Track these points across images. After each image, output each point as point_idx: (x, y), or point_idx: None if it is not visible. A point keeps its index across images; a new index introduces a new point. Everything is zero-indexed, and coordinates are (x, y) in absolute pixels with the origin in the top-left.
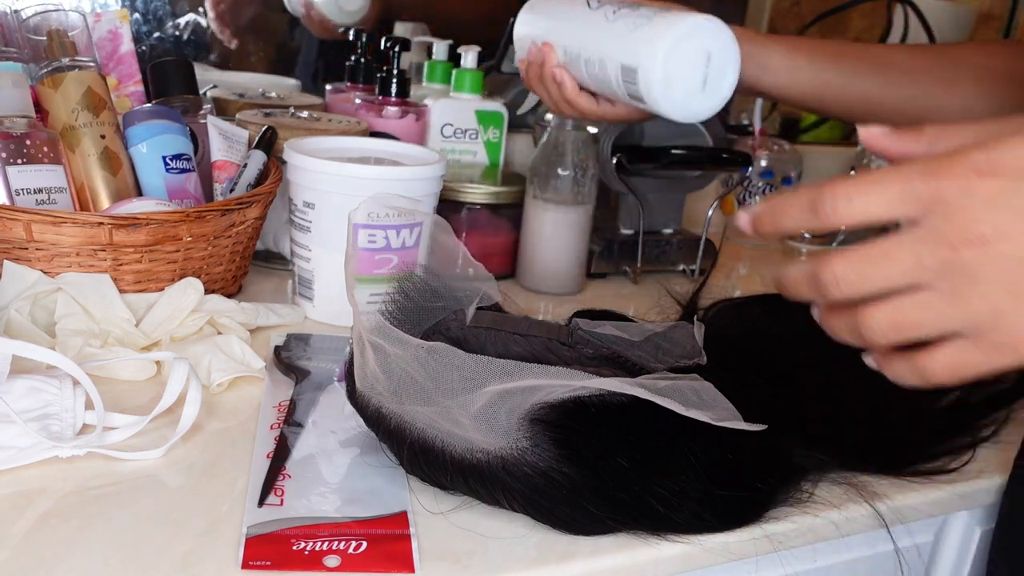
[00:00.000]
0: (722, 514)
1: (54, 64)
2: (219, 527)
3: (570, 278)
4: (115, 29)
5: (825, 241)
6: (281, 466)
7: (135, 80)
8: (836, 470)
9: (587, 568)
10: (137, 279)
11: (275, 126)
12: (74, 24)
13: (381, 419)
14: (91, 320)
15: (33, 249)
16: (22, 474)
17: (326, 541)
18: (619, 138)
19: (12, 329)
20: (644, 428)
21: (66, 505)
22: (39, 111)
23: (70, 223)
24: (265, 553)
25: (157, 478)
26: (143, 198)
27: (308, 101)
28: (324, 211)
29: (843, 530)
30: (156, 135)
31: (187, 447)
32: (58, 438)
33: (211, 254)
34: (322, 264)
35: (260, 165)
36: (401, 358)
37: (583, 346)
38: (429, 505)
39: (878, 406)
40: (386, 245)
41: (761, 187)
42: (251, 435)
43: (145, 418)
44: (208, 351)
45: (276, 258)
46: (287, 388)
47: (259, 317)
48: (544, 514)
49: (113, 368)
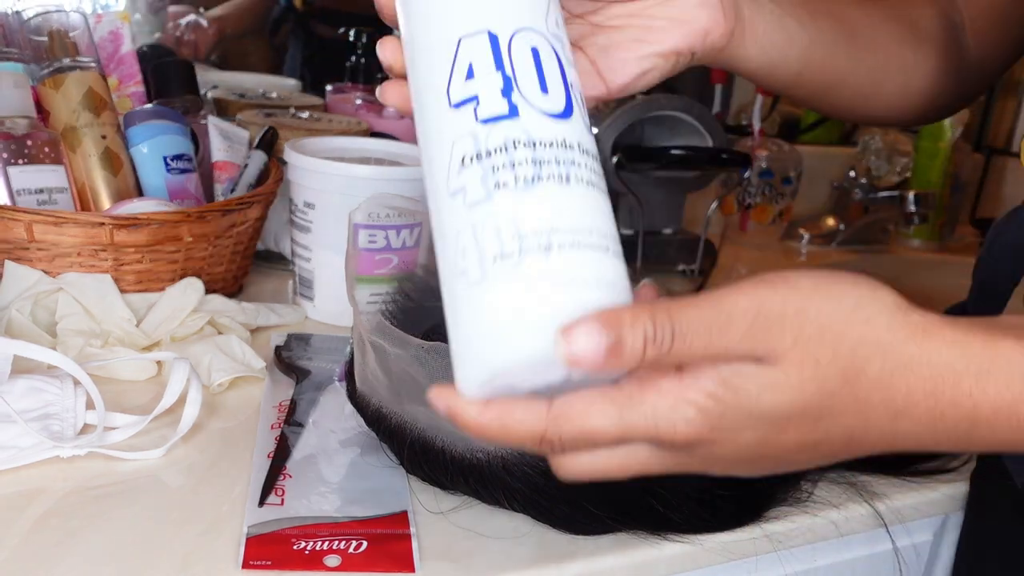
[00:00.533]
0: (722, 514)
1: (55, 65)
2: (219, 527)
3: None
4: (116, 30)
5: (825, 241)
6: (281, 466)
7: (136, 80)
8: (835, 470)
9: (587, 568)
10: (138, 279)
11: (276, 126)
12: (75, 25)
13: (381, 419)
14: (92, 320)
15: (34, 249)
16: (23, 474)
17: (326, 541)
18: (619, 138)
19: (13, 329)
20: None
21: (67, 505)
22: (40, 111)
23: (71, 223)
24: (265, 553)
25: (158, 478)
26: (144, 198)
27: (309, 101)
28: (324, 211)
29: (842, 530)
30: (157, 135)
31: (188, 447)
32: (59, 438)
33: (212, 254)
34: (322, 264)
35: (261, 165)
36: (401, 358)
37: None
38: (429, 505)
39: None
40: (386, 245)
41: (761, 187)
42: (251, 435)
43: (146, 418)
44: (209, 351)
45: (277, 258)
46: (287, 388)
47: (260, 317)
48: (544, 514)
49: (114, 368)
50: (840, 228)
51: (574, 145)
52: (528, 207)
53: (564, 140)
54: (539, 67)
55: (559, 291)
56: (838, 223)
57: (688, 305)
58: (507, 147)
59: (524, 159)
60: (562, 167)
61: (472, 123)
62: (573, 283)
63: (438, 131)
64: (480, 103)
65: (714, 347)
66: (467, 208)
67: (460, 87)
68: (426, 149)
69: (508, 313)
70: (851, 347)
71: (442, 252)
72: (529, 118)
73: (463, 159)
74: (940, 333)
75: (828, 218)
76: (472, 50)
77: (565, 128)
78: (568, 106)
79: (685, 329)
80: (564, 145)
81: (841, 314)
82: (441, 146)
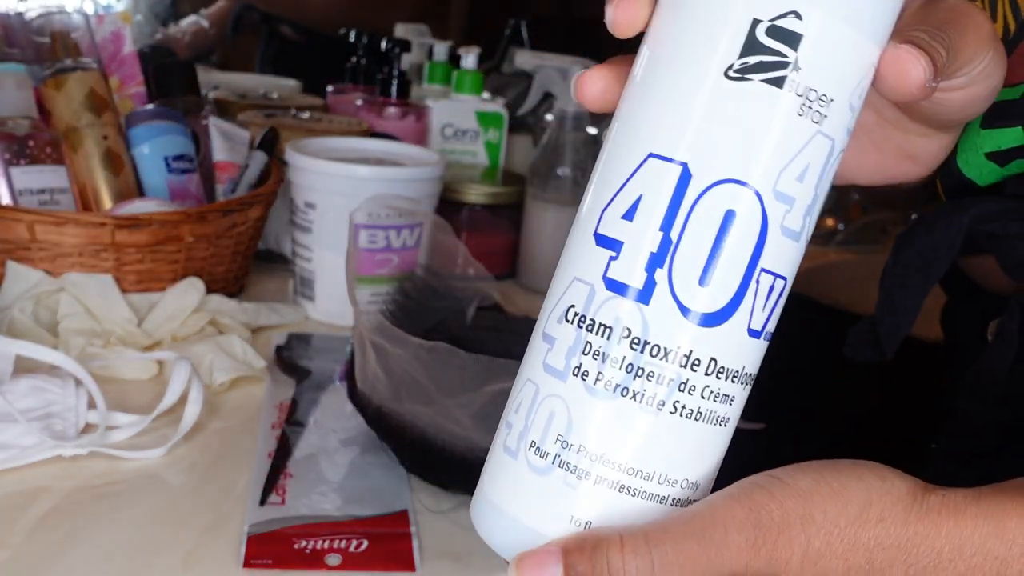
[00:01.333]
0: None
1: (57, 65)
2: (221, 526)
3: None
4: (117, 30)
5: (823, 242)
6: (282, 465)
7: (137, 81)
8: None
9: None
10: (139, 279)
11: (276, 127)
12: (77, 26)
13: (382, 418)
14: (93, 320)
15: (36, 249)
16: (25, 473)
17: (327, 540)
18: None
19: (15, 329)
20: None
21: (69, 504)
22: (42, 112)
23: (73, 223)
24: (266, 552)
25: (159, 477)
26: (145, 199)
27: (309, 102)
28: (325, 211)
29: None
30: (158, 136)
31: (189, 446)
32: (61, 437)
33: (213, 254)
34: (323, 264)
35: (261, 166)
36: (402, 358)
37: None
38: (430, 504)
39: (877, 406)
40: (386, 245)
41: None
42: (252, 434)
43: (147, 417)
44: (210, 351)
45: (277, 258)
46: (288, 388)
47: (260, 317)
48: None
49: (115, 368)
50: (839, 228)
51: (702, 362)
52: (591, 417)
53: (689, 354)
54: (718, 244)
55: (560, 522)
56: (837, 223)
57: (672, 522)
58: (610, 333)
59: (619, 359)
60: (663, 388)
61: (599, 273)
62: (586, 522)
63: (576, 252)
64: (619, 257)
65: (711, 564)
66: (542, 364)
67: (612, 221)
68: (559, 272)
69: (512, 500)
70: (866, 555)
71: (528, 361)
72: (659, 309)
73: (568, 310)
74: (966, 511)
75: (827, 218)
76: (650, 180)
77: (703, 337)
78: (727, 310)
79: (670, 553)
80: (685, 362)
81: (848, 517)
82: (564, 271)
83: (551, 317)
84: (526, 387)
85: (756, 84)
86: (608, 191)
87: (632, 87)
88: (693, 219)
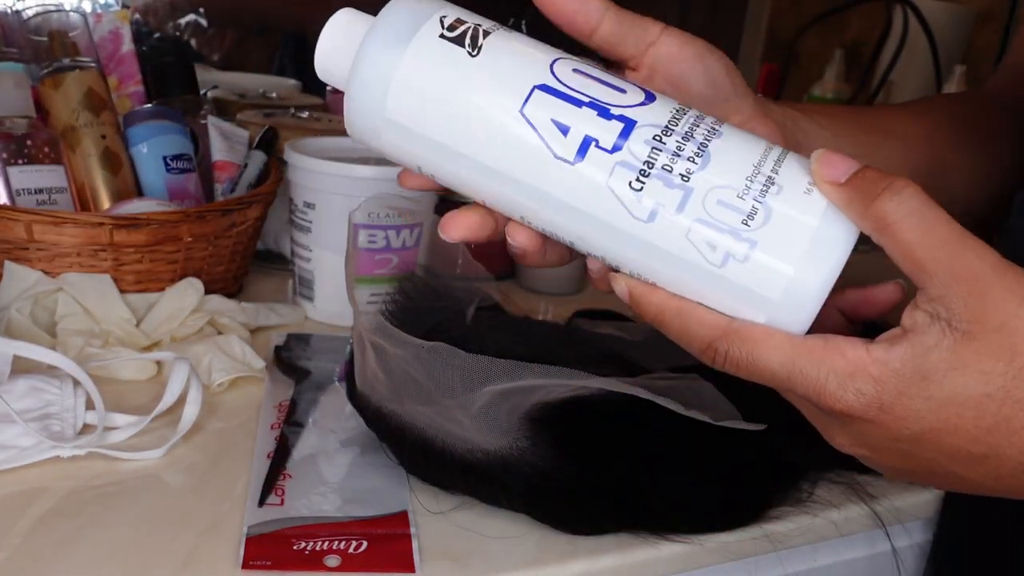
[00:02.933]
0: (722, 514)
1: (55, 64)
2: (220, 527)
3: (570, 278)
4: (116, 29)
5: None
6: (282, 466)
7: (136, 80)
8: (836, 470)
9: (587, 568)
10: (138, 279)
11: (275, 126)
12: (75, 24)
13: (381, 419)
14: (92, 320)
15: (34, 249)
16: (23, 474)
17: (326, 541)
18: None
19: (13, 329)
20: (644, 428)
21: (67, 505)
22: (40, 111)
23: (71, 223)
24: (265, 553)
25: (158, 478)
26: (144, 198)
27: (308, 101)
28: (324, 211)
29: (842, 530)
30: (157, 135)
31: (188, 447)
32: (59, 438)
33: (212, 254)
34: (322, 264)
35: (260, 165)
36: (401, 358)
37: (583, 346)
38: (429, 505)
39: None
40: (386, 245)
41: None
42: (252, 435)
43: (146, 418)
44: (209, 351)
45: (277, 258)
46: (287, 388)
47: (259, 317)
48: (544, 514)
49: (114, 368)
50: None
51: (684, 108)
52: (724, 164)
53: (675, 109)
54: (599, 79)
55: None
56: None
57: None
58: (659, 146)
59: (675, 143)
60: (701, 125)
61: (606, 158)
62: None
63: (572, 190)
64: (599, 140)
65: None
66: (677, 213)
67: (562, 143)
68: (567, 218)
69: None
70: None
71: (670, 272)
72: (642, 116)
73: (630, 183)
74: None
75: None
76: (542, 108)
77: (661, 103)
78: (646, 91)
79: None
80: (681, 113)
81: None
82: (590, 199)
83: (630, 211)
84: (692, 234)
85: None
86: (537, 150)
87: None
88: (577, 86)
